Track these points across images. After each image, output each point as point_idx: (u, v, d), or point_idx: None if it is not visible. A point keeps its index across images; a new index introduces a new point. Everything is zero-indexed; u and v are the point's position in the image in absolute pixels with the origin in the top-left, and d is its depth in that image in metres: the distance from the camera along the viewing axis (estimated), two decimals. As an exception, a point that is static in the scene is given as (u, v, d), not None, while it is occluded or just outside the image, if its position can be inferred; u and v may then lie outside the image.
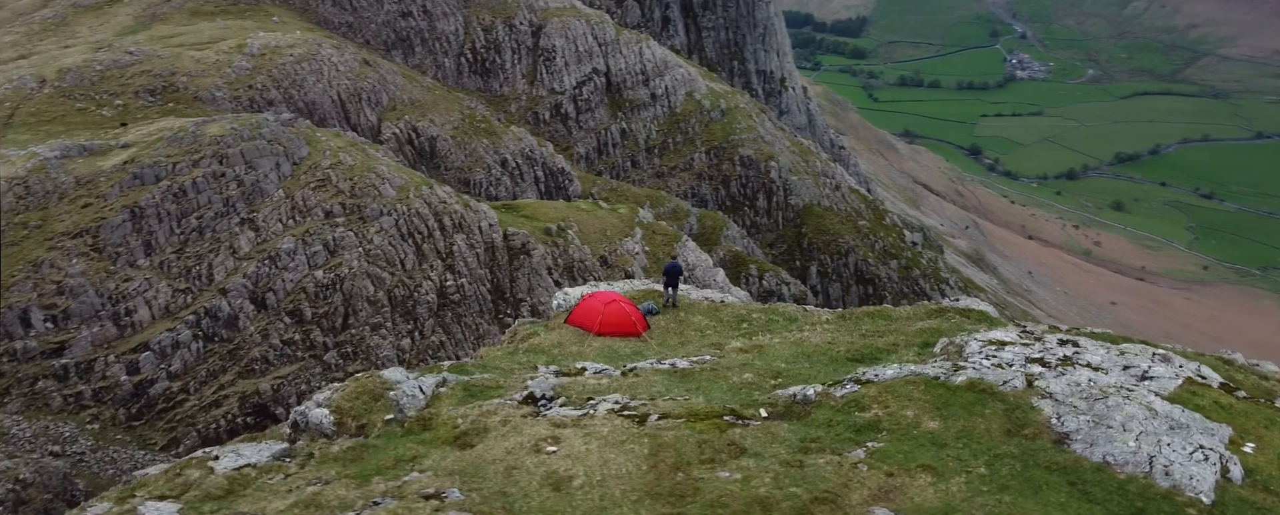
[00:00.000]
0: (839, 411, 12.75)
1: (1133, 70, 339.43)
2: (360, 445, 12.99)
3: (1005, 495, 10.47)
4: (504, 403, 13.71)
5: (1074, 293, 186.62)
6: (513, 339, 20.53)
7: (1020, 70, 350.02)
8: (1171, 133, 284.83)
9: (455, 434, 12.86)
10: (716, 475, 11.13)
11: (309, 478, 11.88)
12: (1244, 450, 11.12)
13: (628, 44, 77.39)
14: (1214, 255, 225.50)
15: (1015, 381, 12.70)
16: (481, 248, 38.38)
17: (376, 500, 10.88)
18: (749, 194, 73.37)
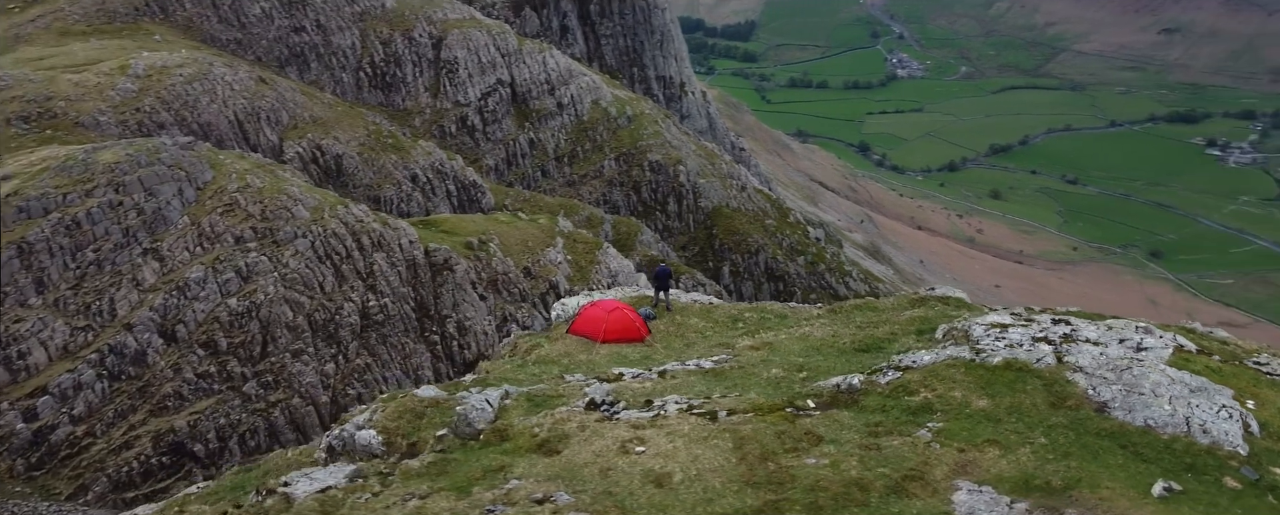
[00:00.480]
0: (888, 397, 13.49)
1: (1001, 66, 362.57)
2: (442, 459, 13.10)
3: (1070, 461, 11.51)
4: (572, 410, 13.96)
5: (962, 278, 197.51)
6: (514, 352, 20.56)
7: (901, 69, 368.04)
8: (1038, 124, 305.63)
9: (537, 442, 13.09)
10: (804, 462, 11.78)
11: (401, 494, 11.91)
12: (1248, 407, 12.47)
13: (531, 54, 77.42)
14: (1081, 236, 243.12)
15: (1047, 359, 13.76)
16: (403, 266, 37.80)
17: (490, 508, 11.12)
18: (660, 199, 74.66)
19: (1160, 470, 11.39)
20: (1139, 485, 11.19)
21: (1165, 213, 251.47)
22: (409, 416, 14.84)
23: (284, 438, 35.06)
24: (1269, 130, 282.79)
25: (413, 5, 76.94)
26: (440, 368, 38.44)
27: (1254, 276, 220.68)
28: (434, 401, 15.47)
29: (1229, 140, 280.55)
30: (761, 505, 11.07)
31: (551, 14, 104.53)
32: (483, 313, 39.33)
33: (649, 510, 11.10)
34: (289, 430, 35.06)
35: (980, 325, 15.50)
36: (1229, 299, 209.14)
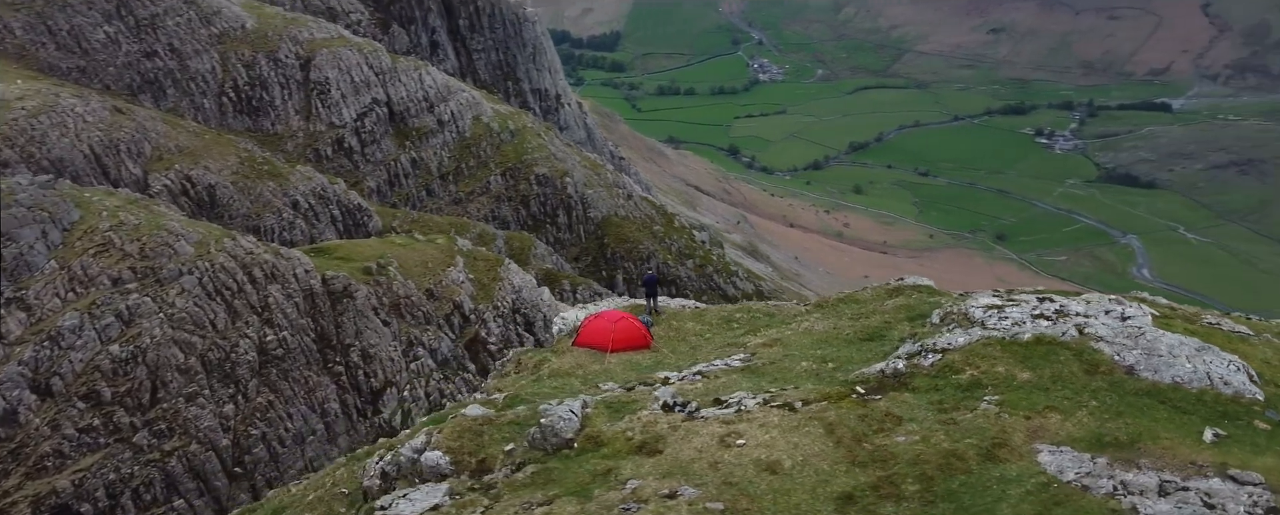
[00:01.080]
0: (937, 378, 14.50)
1: (853, 68, 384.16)
2: (543, 469, 13.32)
3: (1124, 419, 12.78)
4: (653, 413, 14.44)
5: (834, 271, 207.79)
6: (520, 368, 20.41)
7: (762, 74, 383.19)
8: (890, 121, 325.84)
9: (635, 444, 13.49)
10: (895, 440, 12.67)
11: (518, 503, 12.09)
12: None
13: (406, 71, 75.93)
14: (936, 225, 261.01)
15: (1070, 332, 14.98)
16: (300, 296, 36.50)
17: (625, 507, 11.41)
18: (549, 211, 74.94)
19: (1200, 420, 12.88)
20: (1190, 434, 12.65)
21: (1005, 198, 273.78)
22: (469, 435, 15.03)
23: (183, 487, 33.13)
24: (1085, 119, 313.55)
25: (275, 25, 73.81)
26: (347, 399, 37.36)
27: (1083, 251, 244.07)
28: (487, 419, 15.67)
29: (1054, 129, 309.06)
30: (876, 481, 11.95)
31: (420, 30, 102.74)
32: (387, 339, 38.53)
33: (772, 495, 11.82)
34: (188, 479, 33.14)
35: (977, 307, 16.80)
36: (1063, 273, 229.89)
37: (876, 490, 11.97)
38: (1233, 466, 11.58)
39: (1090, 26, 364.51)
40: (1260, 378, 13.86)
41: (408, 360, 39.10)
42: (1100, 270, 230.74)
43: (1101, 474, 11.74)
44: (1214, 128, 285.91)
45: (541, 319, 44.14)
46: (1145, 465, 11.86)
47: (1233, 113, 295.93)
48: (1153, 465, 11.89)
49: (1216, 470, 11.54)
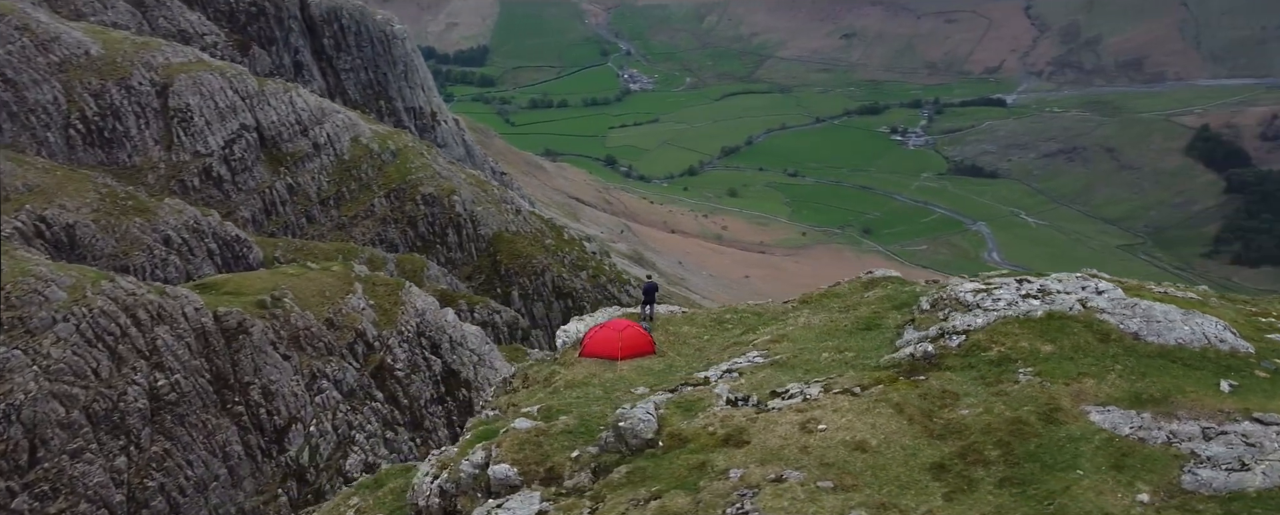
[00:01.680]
0: (967, 356, 15.51)
1: (719, 75, 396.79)
2: (635, 469, 13.77)
3: (1149, 378, 14.16)
4: (722, 409, 15.00)
5: (717, 273, 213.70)
6: (528, 382, 20.38)
7: (633, 84, 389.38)
8: (758, 125, 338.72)
9: (721, 438, 14.00)
10: (960, 413, 13.56)
11: (624, 500, 12.43)
12: (1214, 321, 15.83)
13: (275, 94, 72.81)
14: (808, 222, 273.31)
15: (1075, 307, 16.21)
16: (191, 337, 34.60)
17: (742, 492, 11.96)
18: (438, 231, 73.72)
19: (1211, 373, 14.47)
20: (1208, 386, 14.18)
21: (868, 194, 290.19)
22: (530, 447, 15.20)
23: (73, 551, 30.68)
24: (933, 116, 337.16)
25: (124, 51, 69.06)
26: (250, 439, 35.68)
27: (940, 240, 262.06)
28: (540, 430, 15.87)
29: (906, 127, 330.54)
30: (959, 450, 12.92)
31: (282, 50, 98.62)
32: (288, 374, 37.08)
33: (870, 471, 12.67)
34: (78, 541, 30.73)
35: (966, 292, 18.13)
36: (925, 262, 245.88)
37: (963, 458, 13.07)
38: (1255, 411, 13.31)
39: (931, 30, 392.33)
40: (1241, 334, 15.73)
41: (312, 394, 37.77)
42: (957, 256, 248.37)
43: (1151, 426, 13.31)
44: (1043, 119, 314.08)
45: (447, 341, 43.65)
46: (1183, 416, 13.50)
47: (1057, 105, 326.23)
48: (1190, 415, 13.50)
49: (1243, 415, 13.27)
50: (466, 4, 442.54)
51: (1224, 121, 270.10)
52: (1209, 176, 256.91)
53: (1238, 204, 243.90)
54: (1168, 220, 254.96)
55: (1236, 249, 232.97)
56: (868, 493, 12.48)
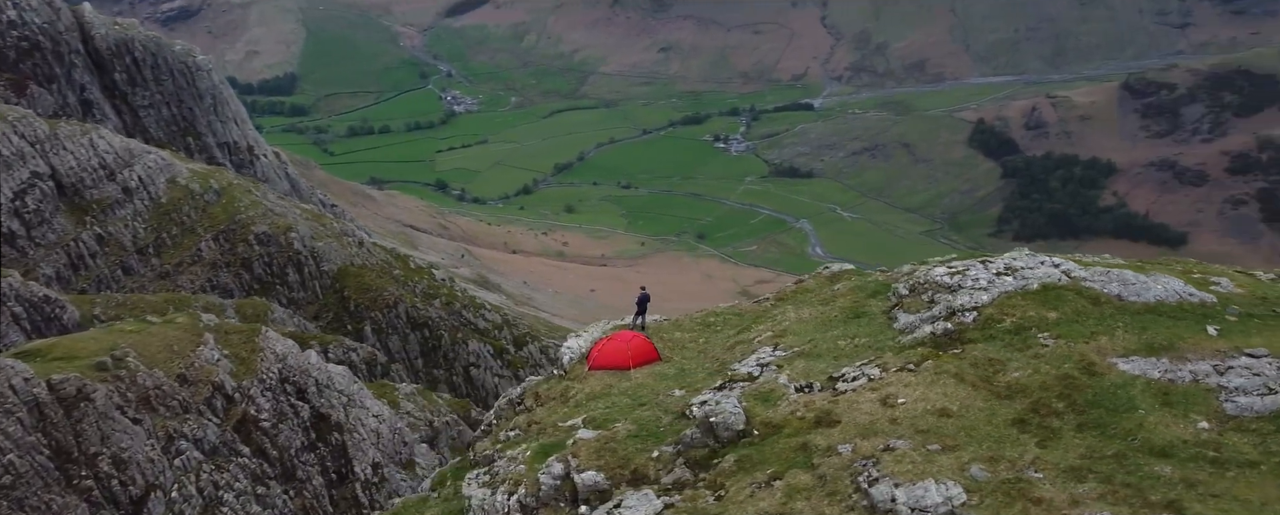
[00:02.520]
0: (985, 329, 16.78)
1: (544, 93, 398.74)
2: (742, 456, 14.30)
3: (1149, 330, 16.09)
4: (797, 396, 15.73)
5: (563, 290, 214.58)
6: (541, 400, 20.24)
7: (457, 106, 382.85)
8: (588, 140, 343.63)
9: (811, 421, 14.72)
10: (1012, 376, 14.71)
11: (746, 485, 12.90)
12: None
13: (72, 137, 65.94)
14: (645, 232, 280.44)
15: (1062, 278, 17.75)
16: (23, 411, 30.91)
17: (861, 463, 12.57)
18: (277, 272, 69.52)
19: (1195, 322, 16.42)
20: (1199, 332, 16.18)
21: (699, 201, 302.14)
22: (607, 453, 15.63)
23: None
24: (751, 123, 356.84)
25: (-124, 95, 60.19)
26: (103, 516, 32.35)
27: (768, 239, 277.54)
28: (609, 437, 16.35)
29: (727, 134, 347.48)
30: (1030, 405, 14.12)
31: (65, 88, 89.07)
32: (141, 439, 33.94)
33: (963, 432, 13.65)
34: None
35: (942, 274, 19.56)
36: (756, 261, 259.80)
37: (1036, 412, 14.42)
38: (1245, 348, 15.49)
39: (740, 41, 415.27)
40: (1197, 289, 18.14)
41: (170, 457, 34.79)
42: (785, 253, 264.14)
43: (1173, 369, 15.17)
44: (847, 120, 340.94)
45: (313, 384, 41.54)
46: (1193, 358, 15.46)
47: (857, 107, 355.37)
48: (1197, 357, 15.45)
49: (1237, 352, 15.42)
50: (268, 31, 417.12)
51: (995, 115, 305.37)
52: (988, 165, 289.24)
53: (1013, 187, 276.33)
54: (959, 206, 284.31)
55: (1016, 227, 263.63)
56: (972, 450, 13.56)
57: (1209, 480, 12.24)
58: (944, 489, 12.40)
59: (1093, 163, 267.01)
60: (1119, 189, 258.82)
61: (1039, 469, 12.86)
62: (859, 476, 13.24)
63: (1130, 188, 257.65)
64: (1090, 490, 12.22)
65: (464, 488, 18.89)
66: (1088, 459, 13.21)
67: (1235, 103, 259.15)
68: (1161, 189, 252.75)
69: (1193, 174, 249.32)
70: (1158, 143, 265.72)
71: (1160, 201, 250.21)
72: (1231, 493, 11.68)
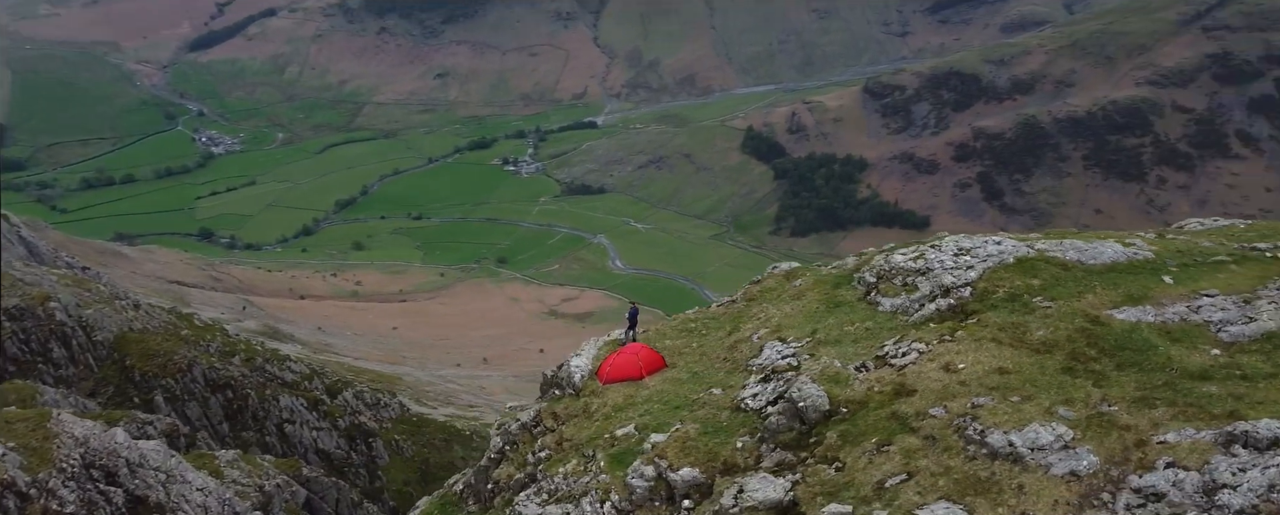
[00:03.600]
0: (982, 300, 18.82)
1: (315, 127, 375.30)
2: (841, 432, 15.46)
3: (1120, 286, 18.41)
4: (863, 374, 17.32)
5: (362, 331, 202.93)
6: (559, 419, 21.03)
7: (215, 147, 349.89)
8: (371, 173, 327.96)
9: (890, 393, 15.94)
10: (1039, 335, 16.91)
11: (859, 455, 14.38)
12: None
13: None
14: (444, 262, 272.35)
15: (1029, 250, 19.77)
16: None
17: (957, 422, 14.25)
18: (37, 349, 59.58)
19: (1149, 275, 18.50)
20: (1158, 282, 18.43)
21: (496, 225, 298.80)
22: (692, 448, 16.35)
23: None
24: (538, 144, 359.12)
25: None
26: None
27: (569, 257, 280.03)
28: (683, 436, 17.30)
29: (516, 157, 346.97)
30: (1068, 355, 15.94)
31: None
32: (-96, 567, 27.76)
33: (1027, 385, 15.19)
34: None
35: (902, 258, 21.34)
36: (560, 280, 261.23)
37: (1076, 360, 15.91)
38: (1200, 291, 17.78)
39: (518, 64, 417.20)
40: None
41: (-50, 582, 28.77)
42: (587, 269, 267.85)
43: (1160, 314, 17.15)
44: (630, 135, 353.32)
45: (124, 465, 36.08)
46: (1166, 303, 17.55)
47: (638, 122, 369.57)
48: (1170, 302, 17.63)
49: (1196, 295, 17.75)
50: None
51: (762, 122, 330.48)
52: (762, 168, 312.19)
53: (785, 187, 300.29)
54: (740, 208, 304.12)
55: (791, 224, 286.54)
56: (1047, 397, 14.79)
57: (1249, 392, 13.95)
58: (1051, 429, 13.67)
59: (848, 159, 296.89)
60: (872, 182, 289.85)
61: (1110, 403, 14.32)
62: (965, 431, 14.21)
63: (880, 179, 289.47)
64: (1163, 413, 13.66)
65: (521, 508, 19.25)
66: (1144, 390, 14.73)
67: (952, 99, 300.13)
68: (905, 179, 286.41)
69: (927, 164, 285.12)
70: (897, 138, 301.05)
71: (905, 190, 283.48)
72: (1271, 399, 13.66)
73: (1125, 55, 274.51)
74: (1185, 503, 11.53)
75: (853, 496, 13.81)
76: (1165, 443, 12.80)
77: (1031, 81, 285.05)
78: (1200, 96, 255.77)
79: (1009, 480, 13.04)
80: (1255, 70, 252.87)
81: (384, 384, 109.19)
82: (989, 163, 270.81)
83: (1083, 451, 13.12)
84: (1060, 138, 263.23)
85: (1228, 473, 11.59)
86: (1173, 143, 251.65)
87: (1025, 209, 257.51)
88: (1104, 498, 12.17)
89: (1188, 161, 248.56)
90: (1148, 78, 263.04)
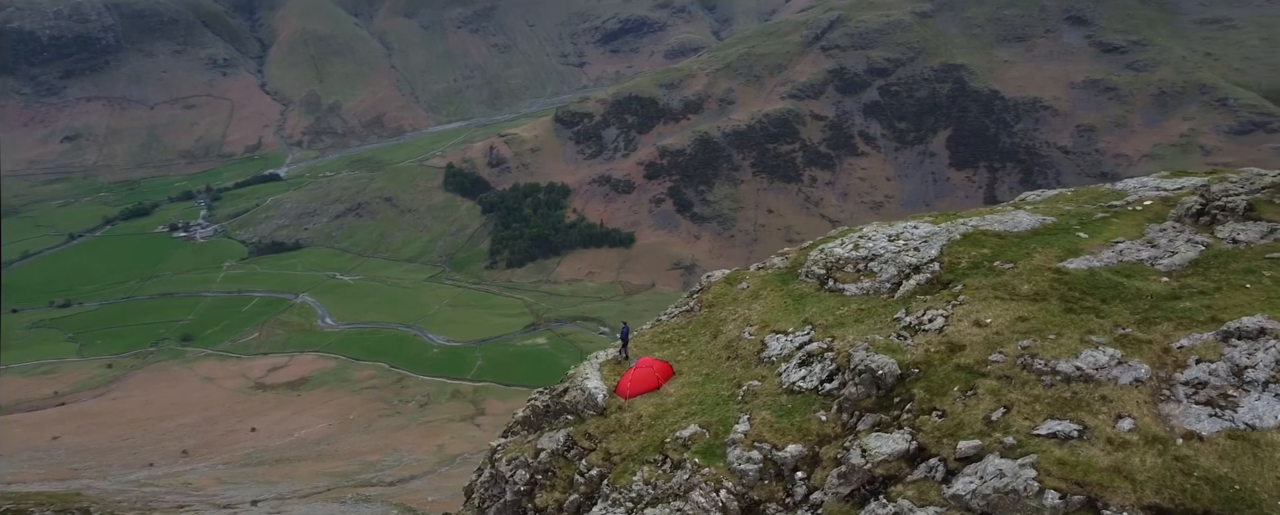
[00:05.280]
0: (951, 271, 21.07)
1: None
2: (924, 388, 17.17)
3: (1052, 245, 21.18)
4: (914, 339, 18.87)
5: (18, 450, 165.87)
6: (591, 440, 22.14)
7: None
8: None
9: (946, 352, 17.81)
10: (1026, 287, 19.10)
11: (951, 403, 16.45)
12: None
13: None
14: (109, 352, 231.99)
15: (966, 226, 22.70)
16: None
17: (1020, 359, 16.40)
18: None
19: (1066, 233, 22.09)
20: (1076, 238, 21.54)
21: (173, 300, 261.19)
22: (781, 430, 18.24)
23: None
24: (212, 204, 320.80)
25: None
26: None
27: (270, 322, 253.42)
28: (766, 422, 18.81)
29: (187, 221, 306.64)
30: (1061, 300, 17.99)
31: None
32: None
33: (1049, 327, 17.35)
34: None
35: (842, 250, 23.94)
36: (263, 348, 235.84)
37: (1068, 301, 18.15)
38: (1111, 240, 20.61)
39: (171, 118, 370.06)
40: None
41: None
42: (294, 332, 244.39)
43: (1100, 260, 20.00)
44: (321, 185, 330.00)
45: None
46: (1098, 250, 20.58)
47: (327, 170, 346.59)
48: (1097, 250, 20.59)
49: (1111, 243, 20.70)
50: None
51: (461, 158, 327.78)
52: (468, 204, 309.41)
53: (495, 221, 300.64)
54: (452, 247, 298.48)
55: (507, 256, 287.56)
56: (1073, 331, 17.11)
57: (1212, 302, 16.94)
58: (1104, 352, 16.16)
59: (552, 187, 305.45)
60: (577, 206, 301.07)
61: (1123, 327, 16.80)
62: (1032, 366, 16.23)
63: (584, 203, 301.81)
64: (1167, 328, 16.32)
65: (664, 509, 19.71)
66: (1139, 314, 17.19)
67: (636, 122, 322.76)
68: (606, 200, 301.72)
69: (624, 184, 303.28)
70: (593, 162, 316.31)
71: (608, 210, 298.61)
72: (1231, 303, 16.69)
73: (769, 74, 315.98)
74: (1224, 384, 14.64)
75: (971, 433, 15.50)
76: (1184, 347, 15.78)
77: (700, 101, 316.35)
78: (829, 105, 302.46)
79: (1091, 395, 15.34)
80: (863, 81, 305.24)
81: (59, 504, 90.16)
82: (676, 178, 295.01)
83: (1134, 364, 15.78)
84: (731, 149, 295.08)
85: (1243, 357, 14.92)
86: (816, 146, 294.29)
87: (712, 216, 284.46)
88: (1166, 393, 14.99)
89: (829, 161, 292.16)
90: (789, 92, 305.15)
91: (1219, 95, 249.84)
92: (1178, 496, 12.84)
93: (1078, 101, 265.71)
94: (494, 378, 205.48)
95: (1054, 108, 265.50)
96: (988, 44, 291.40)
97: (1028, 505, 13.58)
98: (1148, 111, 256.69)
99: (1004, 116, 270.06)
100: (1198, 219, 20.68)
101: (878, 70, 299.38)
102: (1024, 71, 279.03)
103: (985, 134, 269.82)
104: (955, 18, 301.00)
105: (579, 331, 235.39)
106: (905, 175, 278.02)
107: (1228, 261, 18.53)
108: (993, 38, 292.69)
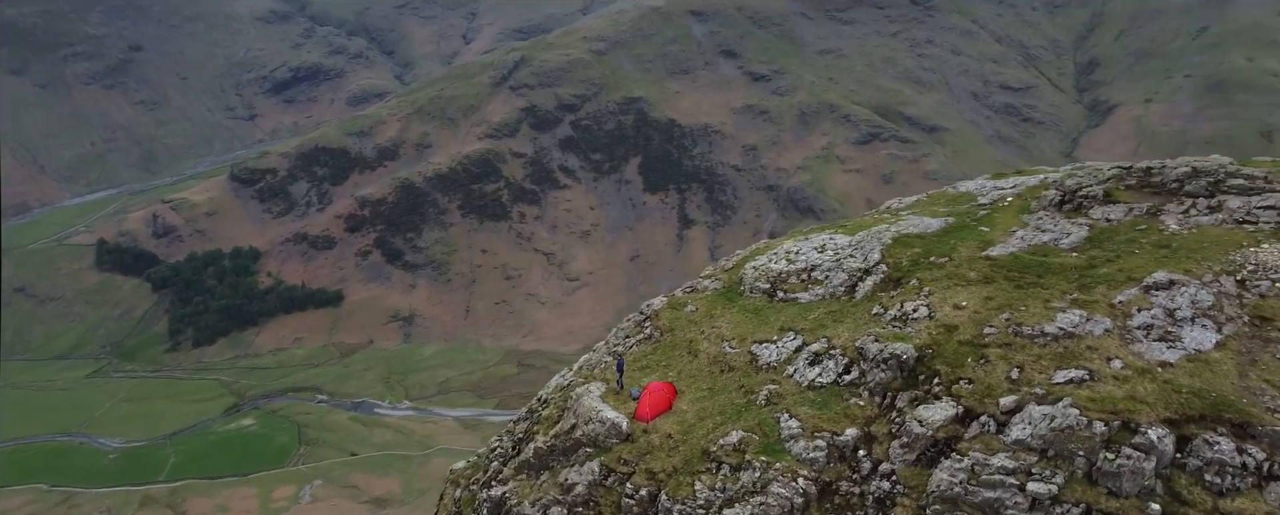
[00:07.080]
0: (897, 268, 23.27)
1: None
2: (944, 361, 20.04)
3: (968, 239, 24.65)
4: (912, 326, 21.66)
5: None
6: (627, 463, 22.87)
7: None
8: None
9: (944, 331, 20.59)
10: (972, 274, 22.39)
11: (972, 369, 19.43)
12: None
13: None
14: None
15: (891, 232, 26.15)
16: None
17: (1012, 328, 19.77)
18: None
19: (969, 228, 24.57)
20: (981, 232, 24.33)
21: None
22: (830, 419, 20.31)
23: None
24: None
25: None
26: None
27: None
28: (811, 416, 20.89)
29: None
30: (1009, 280, 20.62)
31: None
32: None
33: (1017, 300, 20.02)
34: None
35: (778, 265, 26.83)
36: None
37: (1013, 280, 20.83)
38: (1010, 230, 23.88)
39: None
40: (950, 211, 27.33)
41: None
42: None
43: (1012, 246, 23.02)
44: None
45: None
46: (1005, 240, 23.55)
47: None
48: (1004, 239, 23.29)
49: (1011, 232, 23.96)
50: None
51: (115, 232, 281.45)
52: (132, 282, 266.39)
53: (171, 297, 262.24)
54: (119, 333, 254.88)
55: (192, 335, 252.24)
56: (1034, 302, 20.09)
57: (1121, 268, 20.50)
58: (1074, 313, 19.38)
59: (238, 252, 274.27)
60: (271, 269, 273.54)
61: (1069, 293, 19.95)
62: (1022, 332, 19.51)
63: (280, 265, 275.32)
64: (1103, 290, 19.85)
65: (764, 500, 20.53)
66: (1073, 282, 20.44)
67: (328, 174, 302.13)
68: (305, 259, 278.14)
69: (323, 240, 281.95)
70: (283, 220, 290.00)
71: (309, 270, 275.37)
72: (1133, 266, 20.41)
73: (463, 115, 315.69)
74: (1165, 324, 18.64)
75: (1004, 391, 18.02)
76: (1123, 302, 19.34)
77: (395, 147, 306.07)
78: (527, 143, 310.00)
79: (1079, 347, 18.57)
80: (556, 117, 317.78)
81: None
82: (381, 228, 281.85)
83: (1099, 318, 19.17)
84: (435, 193, 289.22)
85: (1168, 302, 19.00)
86: (520, 183, 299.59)
87: (425, 263, 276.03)
88: (1130, 336, 18.72)
89: (534, 196, 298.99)
90: (485, 132, 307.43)
91: (844, 113, 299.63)
92: (1179, 409, 16.52)
93: (740, 124, 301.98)
94: (195, 473, 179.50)
95: (722, 131, 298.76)
96: (660, 77, 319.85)
97: (1081, 436, 16.49)
98: (795, 129, 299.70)
99: (683, 142, 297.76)
100: (1062, 207, 24.91)
101: (567, 106, 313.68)
102: (693, 100, 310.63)
103: (670, 159, 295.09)
104: (628, 54, 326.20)
105: (293, 404, 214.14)
106: (607, 203, 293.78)
107: (1112, 236, 22.81)
108: (663, 71, 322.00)
